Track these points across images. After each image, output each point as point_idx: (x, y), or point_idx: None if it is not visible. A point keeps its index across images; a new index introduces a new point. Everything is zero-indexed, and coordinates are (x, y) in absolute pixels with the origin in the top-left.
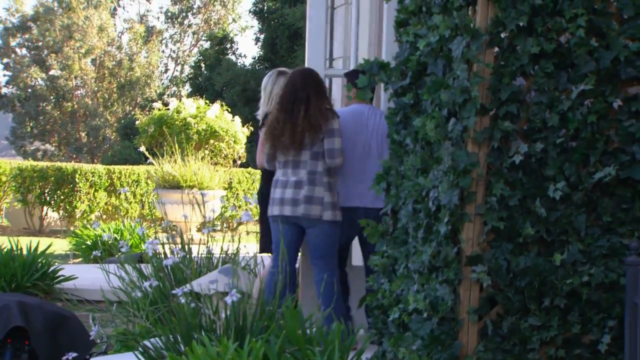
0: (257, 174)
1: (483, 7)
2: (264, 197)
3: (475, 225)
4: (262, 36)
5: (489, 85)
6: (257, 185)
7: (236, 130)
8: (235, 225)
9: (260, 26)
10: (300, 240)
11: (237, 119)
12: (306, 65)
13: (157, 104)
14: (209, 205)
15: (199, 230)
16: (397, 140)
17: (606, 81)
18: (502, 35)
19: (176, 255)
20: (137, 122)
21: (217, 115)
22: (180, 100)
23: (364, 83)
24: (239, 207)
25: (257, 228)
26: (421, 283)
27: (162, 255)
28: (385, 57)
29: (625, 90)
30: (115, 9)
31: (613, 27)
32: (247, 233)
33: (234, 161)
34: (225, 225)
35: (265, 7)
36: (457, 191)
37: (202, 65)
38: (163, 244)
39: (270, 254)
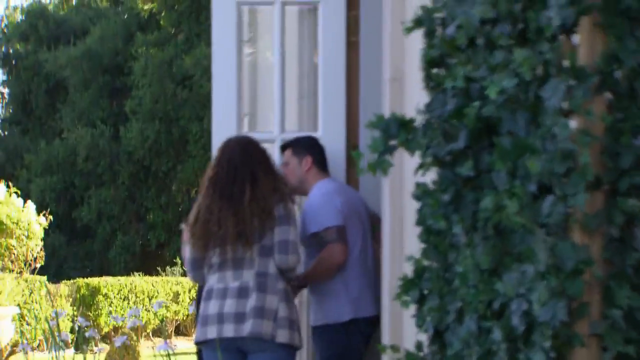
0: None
1: (587, 36)
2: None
3: (591, 350)
4: (8, 91)
5: (603, 148)
6: (38, 296)
7: (30, 220)
8: (7, 354)
9: (6, 77)
10: None
11: (31, 204)
12: (213, 127)
13: None
14: None
15: None
16: (436, 230)
17: None
18: (616, 75)
19: None
20: None
21: (2, 201)
22: None
23: (379, 148)
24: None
25: (34, 357)
26: None
27: None
28: (322, 112)
29: None
30: None
31: None
32: None
33: (29, 264)
34: None
35: (12, 51)
36: (564, 302)
37: None
38: None
39: None
